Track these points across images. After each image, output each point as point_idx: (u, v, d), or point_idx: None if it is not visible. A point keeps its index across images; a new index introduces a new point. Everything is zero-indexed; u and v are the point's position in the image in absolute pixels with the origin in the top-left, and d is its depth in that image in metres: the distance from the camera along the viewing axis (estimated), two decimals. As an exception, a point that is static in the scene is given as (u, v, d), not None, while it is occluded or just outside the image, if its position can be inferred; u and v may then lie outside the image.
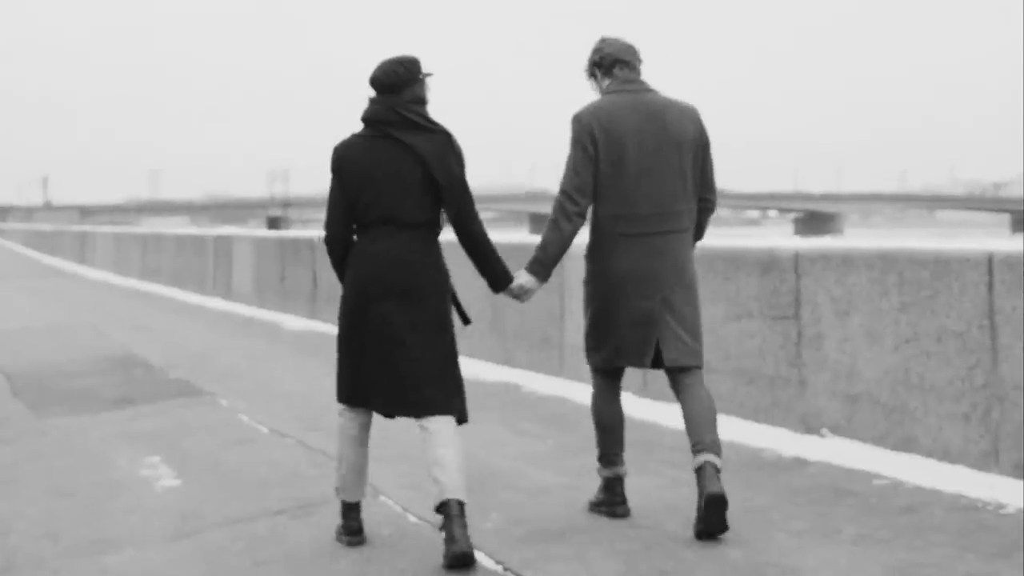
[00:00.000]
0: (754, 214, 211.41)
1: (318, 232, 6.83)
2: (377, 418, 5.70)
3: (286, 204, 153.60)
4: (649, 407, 8.66)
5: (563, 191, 5.75)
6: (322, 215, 5.80)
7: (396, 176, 5.40)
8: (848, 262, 7.53)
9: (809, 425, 7.79)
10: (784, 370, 8.01)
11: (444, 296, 5.58)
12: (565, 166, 5.77)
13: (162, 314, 18.70)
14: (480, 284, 6.06)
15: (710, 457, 5.56)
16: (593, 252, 5.93)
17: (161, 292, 23.43)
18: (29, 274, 34.17)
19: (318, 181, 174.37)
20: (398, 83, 5.46)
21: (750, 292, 8.28)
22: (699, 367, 5.87)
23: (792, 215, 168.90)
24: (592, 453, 6.21)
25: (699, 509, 5.54)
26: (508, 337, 11.06)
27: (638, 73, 5.89)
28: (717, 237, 9.01)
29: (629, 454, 6.20)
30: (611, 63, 5.87)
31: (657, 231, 5.72)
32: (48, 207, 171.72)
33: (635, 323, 5.73)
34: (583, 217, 5.77)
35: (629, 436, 6.28)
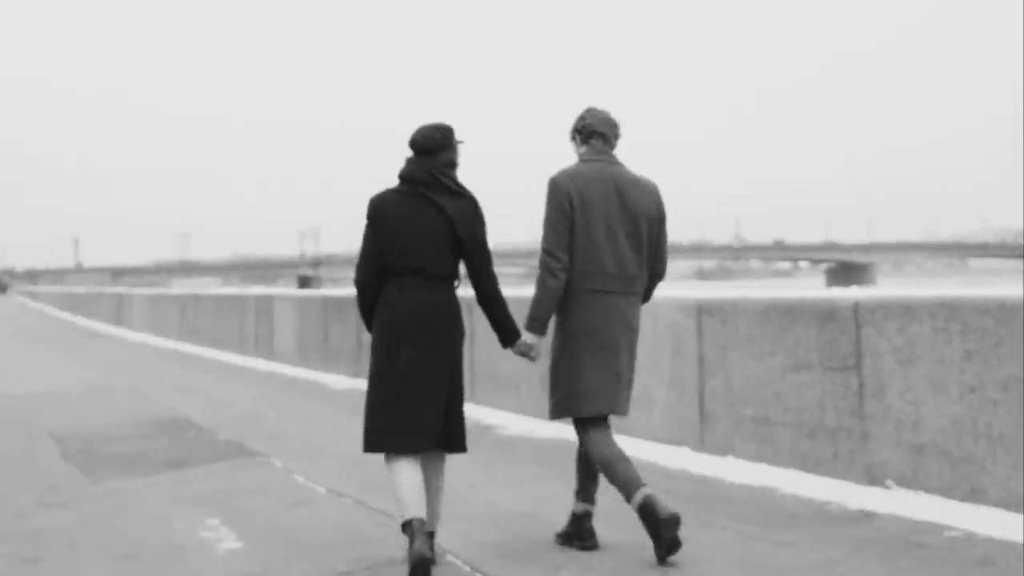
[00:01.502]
0: (784, 265, 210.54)
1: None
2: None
3: (317, 263, 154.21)
4: (707, 462, 8.62)
5: (545, 250, 6.26)
6: (353, 273, 6.37)
7: (426, 232, 6.04)
8: (909, 311, 7.48)
9: (873, 477, 7.71)
10: (846, 421, 7.93)
11: (460, 340, 6.23)
12: (544, 226, 6.29)
13: (205, 375, 18.72)
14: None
15: (650, 491, 6.12)
16: (565, 306, 6.32)
17: (201, 353, 23.51)
18: (68, 336, 34.30)
19: (348, 239, 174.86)
20: (434, 147, 6.13)
21: (809, 343, 8.23)
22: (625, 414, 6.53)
23: (823, 266, 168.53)
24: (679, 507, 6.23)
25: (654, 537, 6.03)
26: (560, 393, 10.99)
27: (612, 147, 6.50)
28: (764, 289, 9.00)
29: (689, 508, 6.48)
30: (590, 133, 6.47)
31: (616, 291, 6.29)
32: (79, 269, 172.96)
33: (602, 375, 6.28)
34: (566, 271, 6.23)
35: (688, 490, 6.96)
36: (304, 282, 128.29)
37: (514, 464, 9.11)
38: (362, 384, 6.95)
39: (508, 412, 11.59)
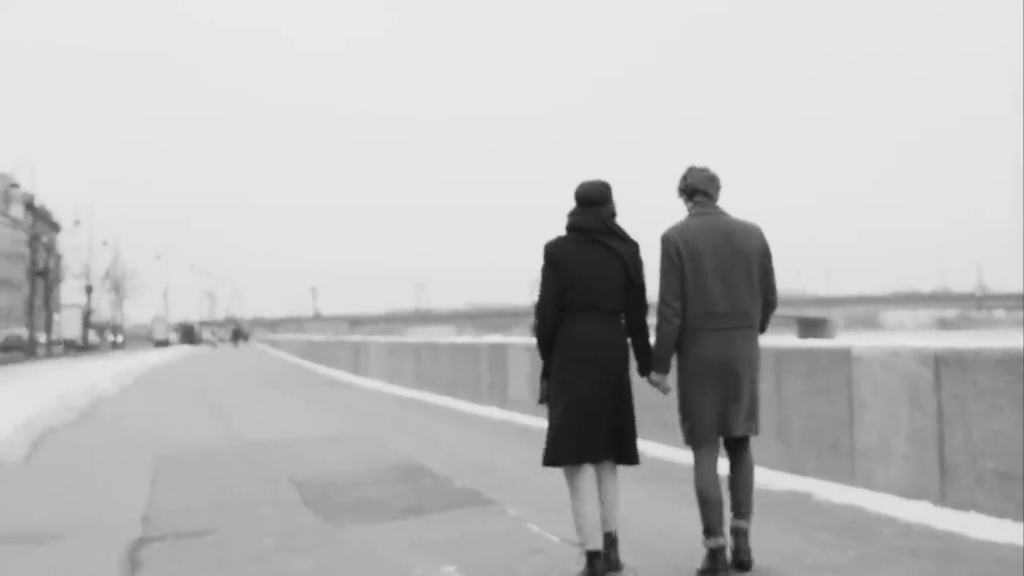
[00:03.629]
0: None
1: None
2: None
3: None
4: (948, 517, 8.39)
5: (660, 298, 7.14)
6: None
7: (602, 273, 6.99)
8: None
9: None
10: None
11: (627, 365, 7.11)
12: (659, 278, 7.12)
13: (440, 423, 18.98)
14: (773, 394, 7.61)
15: (744, 523, 7.12)
16: (681, 344, 7.14)
17: (436, 401, 23.78)
18: (308, 383, 35.16)
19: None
20: (600, 200, 7.12)
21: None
22: (755, 435, 7.29)
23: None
24: (903, 564, 6.10)
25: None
26: (796, 444, 10.83)
27: (715, 199, 7.32)
28: (1006, 339, 8.76)
29: (929, 564, 6.73)
30: (693, 191, 7.35)
31: (733, 326, 7.08)
32: (317, 317, 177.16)
33: (715, 401, 7.05)
34: (679, 316, 7.06)
35: (928, 545, 7.13)
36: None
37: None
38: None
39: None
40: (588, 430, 6.92)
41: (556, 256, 7.03)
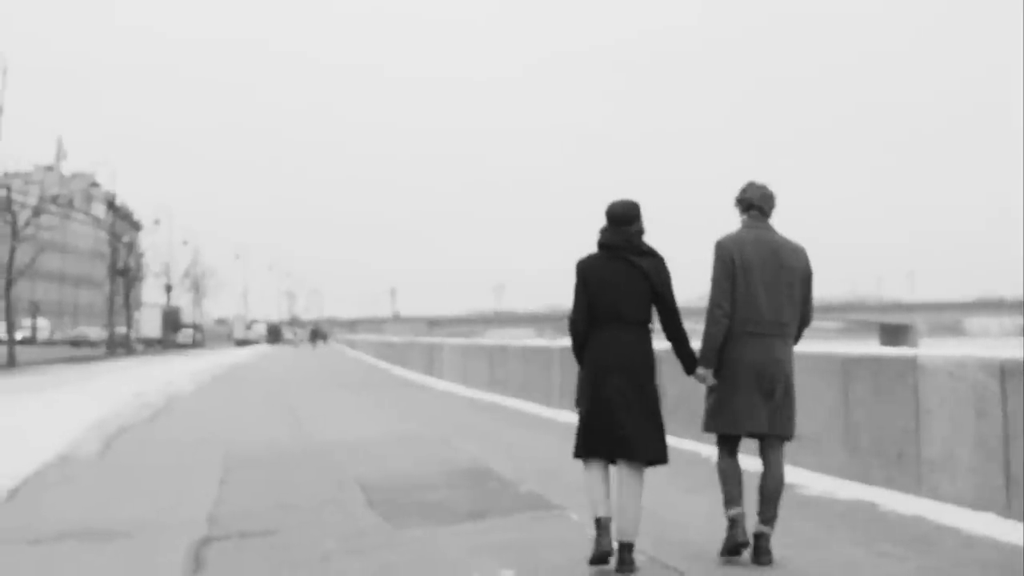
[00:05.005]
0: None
1: (665, 344, 8.08)
2: None
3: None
4: (1013, 529, 8.32)
5: (712, 300, 7.70)
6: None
7: (626, 287, 7.52)
8: None
9: None
10: None
11: (653, 371, 7.63)
12: (711, 281, 7.71)
13: (509, 426, 19.04)
14: (841, 403, 8.62)
15: (767, 529, 7.60)
16: (726, 345, 7.69)
17: (507, 404, 23.83)
18: (381, 384, 35.39)
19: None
20: (630, 217, 7.62)
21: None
22: (788, 439, 7.87)
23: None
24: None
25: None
26: (861, 453, 10.76)
27: (768, 216, 7.88)
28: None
29: None
30: (748, 205, 7.89)
31: (773, 334, 7.68)
32: (396, 318, 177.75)
33: (748, 400, 7.64)
34: (728, 318, 7.64)
35: (992, 558, 7.27)
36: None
37: (812, 524, 8.95)
38: (670, 439, 7.48)
39: (808, 470, 11.40)
40: (607, 430, 7.53)
41: (585, 273, 7.66)
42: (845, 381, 11.01)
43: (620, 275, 7.54)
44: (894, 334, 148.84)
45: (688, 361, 7.86)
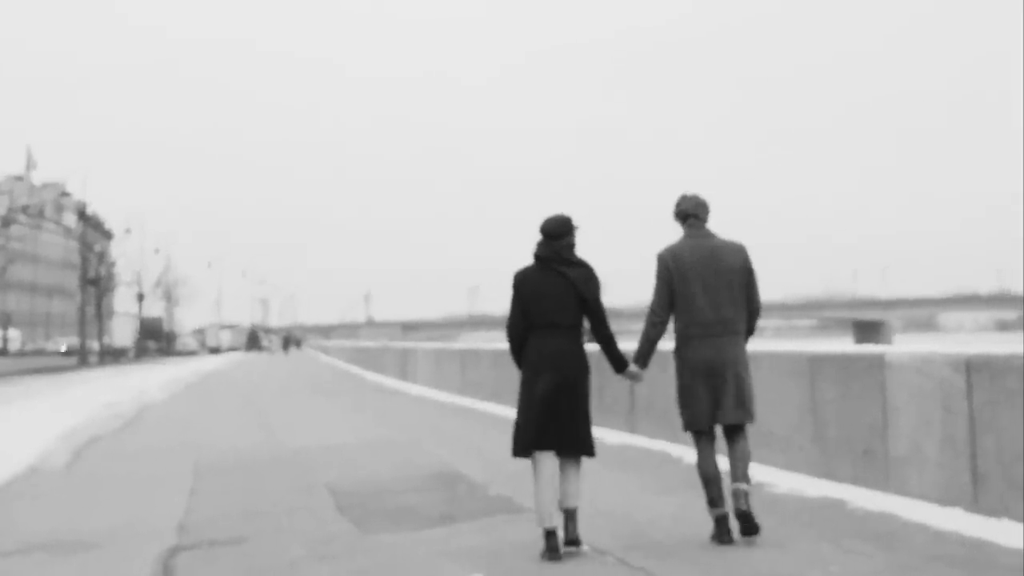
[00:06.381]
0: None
1: (633, 344, 8.37)
2: None
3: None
4: (980, 524, 8.33)
5: (650, 307, 8.51)
6: (636, 325, 8.48)
7: (557, 295, 8.22)
8: None
9: None
10: None
11: (586, 374, 8.32)
12: (653, 289, 8.45)
13: (481, 429, 19.03)
14: (808, 401, 8.95)
15: (742, 485, 8.11)
16: (677, 348, 8.50)
17: (479, 407, 23.82)
18: (353, 390, 35.32)
19: (637, 291, 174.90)
20: (560, 232, 8.31)
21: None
22: (748, 423, 8.46)
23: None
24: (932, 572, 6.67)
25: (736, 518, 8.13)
26: (830, 450, 10.77)
27: (704, 222, 8.52)
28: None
29: (958, 572, 6.99)
30: (684, 216, 8.55)
31: (718, 333, 8.30)
32: (371, 324, 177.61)
33: (705, 396, 8.31)
34: (664, 324, 8.48)
35: (959, 553, 7.36)
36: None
37: (780, 521, 8.96)
38: (636, 440, 7.73)
39: (777, 468, 11.42)
40: (543, 427, 8.15)
41: (520, 283, 8.36)
42: (813, 379, 11.03)
43: (551, 284, 8.23)
44: (868, 331, 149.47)
45: (616, 362, 8.63)
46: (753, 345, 8.75)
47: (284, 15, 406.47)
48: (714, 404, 8.32)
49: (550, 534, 8.05)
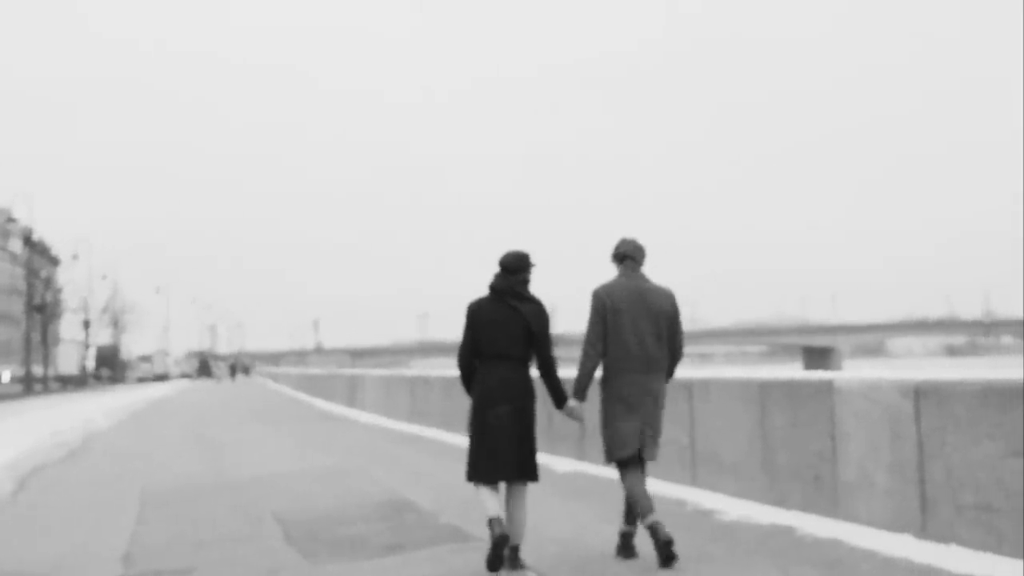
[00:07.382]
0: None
1: (571, 373, 8.90)
2: None
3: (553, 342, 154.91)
4: (929, 550, 8.34)
5: (586, 340, 8.79)
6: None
7: (507, 327, 8.52)
8: None
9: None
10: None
11: (532, 402, 8.63)
12: (587, 324, 8.78)
13: (431, 457, 18.92)
14: (758, 427, 8.65)
15: (657, 518, 8.36)
16: (604, 379, 8.87)
17: (428, 435, 23.73)
18: (301, 418, 35.07)
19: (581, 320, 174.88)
20: (517, 268, 8.62)
21: (1034, 426, 7.87)
22: (652, 459, 8.84)
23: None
24: None
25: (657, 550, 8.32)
26: (780, 478, 10.78)
27: (640, 265, 8.98)
28: (1006, 368, 8.68)
29: None
30: (622, 257, 8.99)
31: (642, 370, 8.74)
32: (319, 351, 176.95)
33: (629, 428, 8.69)
34: (600, 357, 8.80)
35: None
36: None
37: (729, 548, 8.95)
38: (588, 467, 7.70)
39: (728, 496, 11.41)
40: (497, 454, 8.43)
41: (472, 315, 8.66)
42: (762, 406, 11.04)
43: (504, 317, 8.55)
44: (817, 357, 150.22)
45: (557, 396, 8.92)
46: (704, 372, 9.18)
47: (240, 24, 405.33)
48: (630, 437, 8.70)
49: (499, 540, 8.14)
